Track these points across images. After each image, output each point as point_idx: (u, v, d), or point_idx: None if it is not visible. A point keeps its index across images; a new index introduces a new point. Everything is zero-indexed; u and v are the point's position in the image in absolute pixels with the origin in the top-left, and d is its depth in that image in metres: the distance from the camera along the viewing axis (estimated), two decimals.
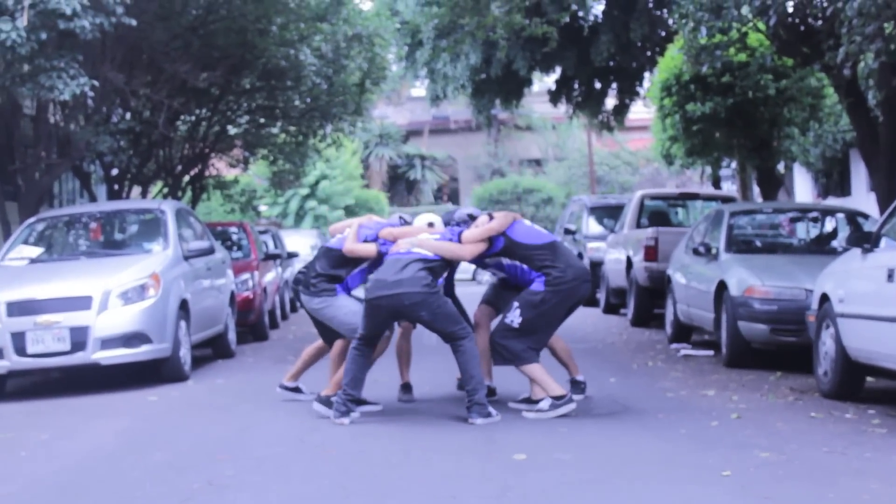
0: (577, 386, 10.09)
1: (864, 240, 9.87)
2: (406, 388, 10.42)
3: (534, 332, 9.44)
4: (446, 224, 10.01)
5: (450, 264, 9.75)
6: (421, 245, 9.38)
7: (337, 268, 9.90)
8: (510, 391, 10.14)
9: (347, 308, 9.78)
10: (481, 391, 9.16)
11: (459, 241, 9.52)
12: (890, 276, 8.97)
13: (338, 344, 10.07)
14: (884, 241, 9.57)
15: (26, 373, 12.43)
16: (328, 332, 10.18)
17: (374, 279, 9.45)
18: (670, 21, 24.52)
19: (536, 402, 9.58)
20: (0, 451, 8.89)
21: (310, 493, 6.87)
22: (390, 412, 9.77)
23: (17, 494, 7.14)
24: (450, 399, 10.42)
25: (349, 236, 9.83)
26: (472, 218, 9.91)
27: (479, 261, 10.02)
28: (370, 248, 9.77)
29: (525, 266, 9.75)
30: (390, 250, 9.51)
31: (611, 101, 31.83)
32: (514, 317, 9.46)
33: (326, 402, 9.52)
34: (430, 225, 9.85)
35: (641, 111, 34.68)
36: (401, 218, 10.36)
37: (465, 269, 40.97)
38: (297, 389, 10.50)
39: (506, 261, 9.87)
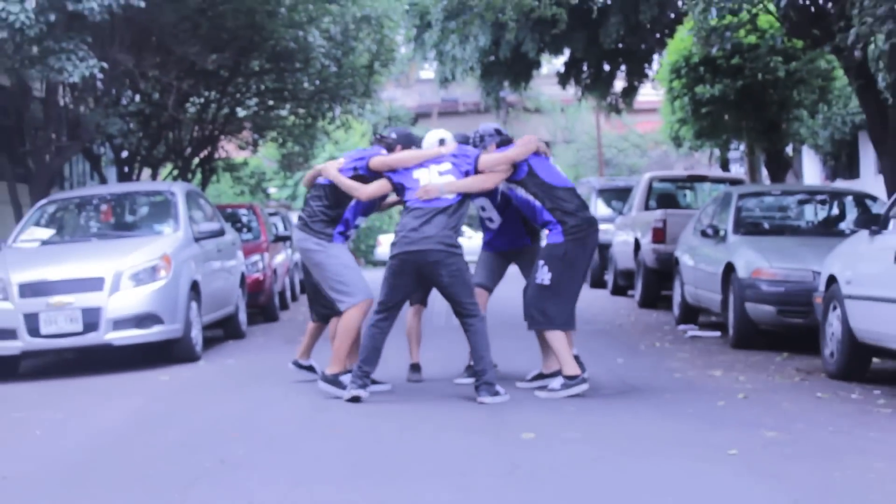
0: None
1: (873, 222, 9.91)
2: (415, 367, 10.41)
3: (565, 288, 9.29)
4: (464, 142, 9.79)
5: (470, 198, 9.54)
6: (449, 187, 9.19)
7: (334, 207, 9.65)
8: (517, 370, 10.19)
9: (339, 259, 9.60)
10: (490, 371, 9.14)
11: (476, 169, 9.31)
12: None
13: (334, 321, 10.11)
14: (892, 224, 9.60)
15: (40, 353, 12.52)
16: (319, 303, 10.13)
17: (398, 234, 9.28)
18: (680, 2, 24.51)
19: (547, 376, 9.62)
20: (15, 431, 8.97)
21: (320, 471, 6.90)
22: (399, 392, 9.81)
23: (33, 473, 7.19)
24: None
25: (335, 178, 9.45)
26: (500, 133, 9.76)
27: (492, 195, 9.84)
28: (382, 185, 9.46)
29: (537, 205, 9.50)
30: (414, 196, 9.21)
31: (619, 84, 31.79)
32: (544, 275, 9.30)
33: (333, 380, 9.46)
34: (442, 142, 9.56)
35: (650, 93, 34.65)
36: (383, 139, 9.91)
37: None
38: (310, 368, 10.46)
39: (521, 192, 9.55)
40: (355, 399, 9.07)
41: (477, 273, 10.19)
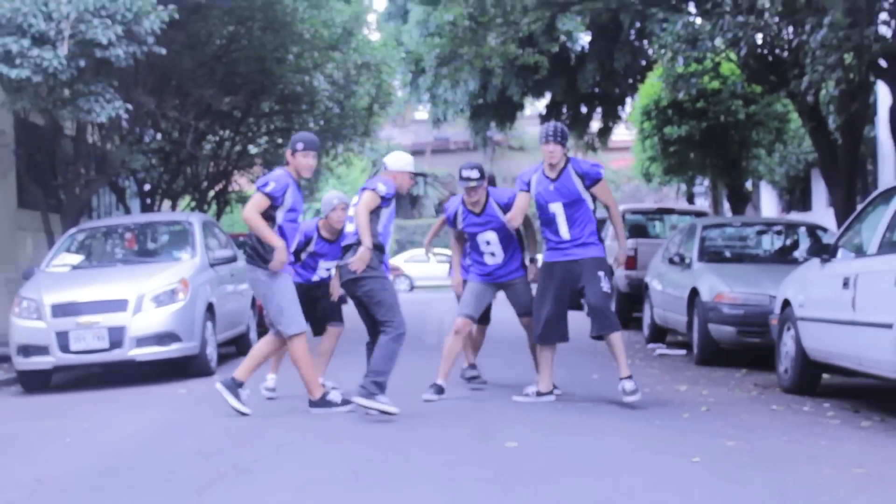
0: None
1: (823, 251, 9.94)
2: (472, 367, 10.70)
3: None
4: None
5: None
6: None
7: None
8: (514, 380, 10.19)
9: (282, 291, 9.16)
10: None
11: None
12: (845, 284, 9.03)
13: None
14: (840, 252, 9.62)
15: (70, 368, 12.56)
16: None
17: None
18: (650, 51, 24.65)
19: (544, 393, 9.67)
20: (48, 438, 8.97)
21: (323, 476, 6.91)
22: (396, 404, 9.82)
23: (64, 477, 7.21)
24: (451, 391, 10.47)
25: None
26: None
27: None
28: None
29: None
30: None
31: (596, 124, 31.91)
32: (606, 284, 9.34)
33: (322, 403, 9.30)
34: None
35: (623, 133, 34.81)
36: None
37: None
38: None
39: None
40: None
41: (466, 304, 10.02)
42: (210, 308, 13.17)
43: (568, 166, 9.44)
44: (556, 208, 9.40)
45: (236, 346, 14.82)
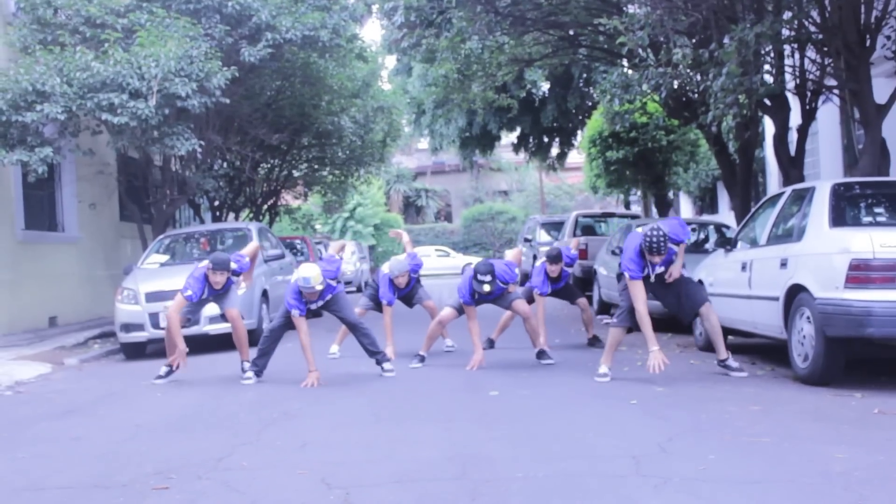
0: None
1: (727, 243, 9.98)
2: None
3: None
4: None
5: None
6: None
7: None
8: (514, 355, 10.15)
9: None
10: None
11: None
12: (743, 268, 9.06)
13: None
14: (739, 244, 9.66)
15: (159, 340, 12.44)
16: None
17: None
18: (594, 95, 24.66)
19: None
20: (144, 394, 9.00)
21: (352, 418, 6.95)
22: (404, 366, 9.85)
23: (156, 422, 7.22)
24: (449, 356, 10.48)
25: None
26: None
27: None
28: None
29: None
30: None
31: (555, 150, 31.93)
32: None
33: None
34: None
35: (576, 157, 34.78)
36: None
37: (455, 266, 40.74)
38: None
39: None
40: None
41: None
42: (265, 294, 13.15)
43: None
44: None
45: None
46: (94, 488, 5.10)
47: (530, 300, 10.41)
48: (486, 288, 9.22)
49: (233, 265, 9.56)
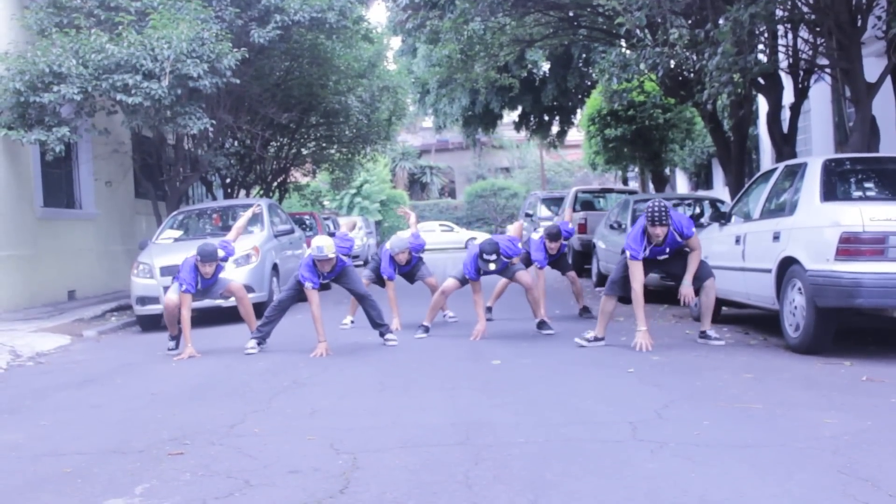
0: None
1: (721, 217, 9.94)
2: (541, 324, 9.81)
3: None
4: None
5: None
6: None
7: None
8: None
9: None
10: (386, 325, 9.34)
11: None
12: (737, 241, 9.05)
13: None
14: (733, 219, 9.63)
15: None
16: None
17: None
18: (593, 74, 24.55)
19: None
20: (160, 363, 9.02)
21: (360, 385, 6.95)
22: (407, 336, 9.84)
23: (171, 390, 7.24)
24: (453, 326, 10.49)
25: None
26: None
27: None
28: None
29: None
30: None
31: (555, 128, 31.81)
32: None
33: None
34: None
35: (575, 134, 34.68)
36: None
37: (458, 240, 40.74)
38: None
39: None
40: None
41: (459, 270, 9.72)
42: (275, 267, 13.15)
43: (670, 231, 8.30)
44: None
45: None
46: (113, 454, 5.13)
47: (528, 262, 10.41)
48: (492, 266, 9.26)
49: (220, 253, 9.48)
